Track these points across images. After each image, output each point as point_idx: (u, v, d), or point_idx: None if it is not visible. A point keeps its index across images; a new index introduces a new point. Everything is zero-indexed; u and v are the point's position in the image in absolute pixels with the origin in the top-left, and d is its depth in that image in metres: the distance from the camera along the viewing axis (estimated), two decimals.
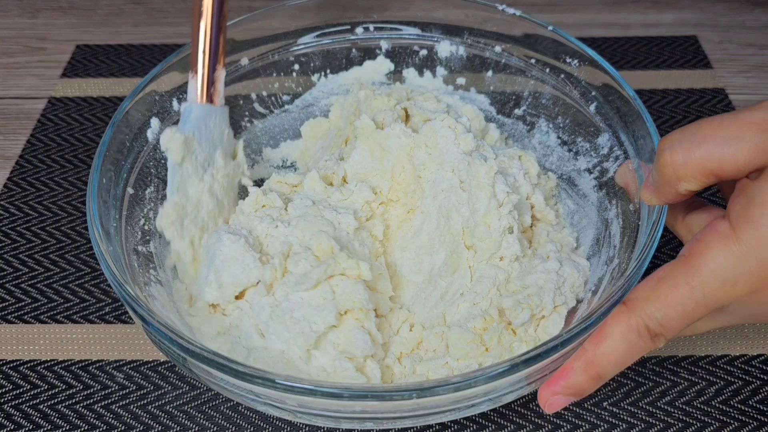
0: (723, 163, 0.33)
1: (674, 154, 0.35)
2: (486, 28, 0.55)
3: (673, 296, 0.35)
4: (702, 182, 0.35)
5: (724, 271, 0.34)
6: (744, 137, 0.33)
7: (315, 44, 0.57)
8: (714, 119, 0.34)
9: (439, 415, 0.37)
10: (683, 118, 0.66)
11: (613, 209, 0.48)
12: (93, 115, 0.67)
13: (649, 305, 0.35)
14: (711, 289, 0.34)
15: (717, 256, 0.34)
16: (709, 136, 0.34)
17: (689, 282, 0.34)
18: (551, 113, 0.54)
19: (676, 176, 0.35)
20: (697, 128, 0.34)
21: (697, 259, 0.34)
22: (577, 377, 0.37)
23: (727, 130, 0.33)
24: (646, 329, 0.35)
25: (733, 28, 0.76)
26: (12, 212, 0.59)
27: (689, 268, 0.35)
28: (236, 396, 0.38)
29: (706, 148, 0.34)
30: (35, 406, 0.47)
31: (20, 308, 0.52)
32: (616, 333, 0.36)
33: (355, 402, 0.34)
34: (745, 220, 0.34)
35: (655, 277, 0.36)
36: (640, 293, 0.36)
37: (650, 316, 0.35)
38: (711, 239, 0.34)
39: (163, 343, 0.37)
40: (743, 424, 0.45)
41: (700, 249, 0.35)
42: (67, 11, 0.80)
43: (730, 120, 0.33)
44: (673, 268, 0.35)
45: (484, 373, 0.34)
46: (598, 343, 0.36)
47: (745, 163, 0.33)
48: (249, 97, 0.57)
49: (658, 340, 0.36)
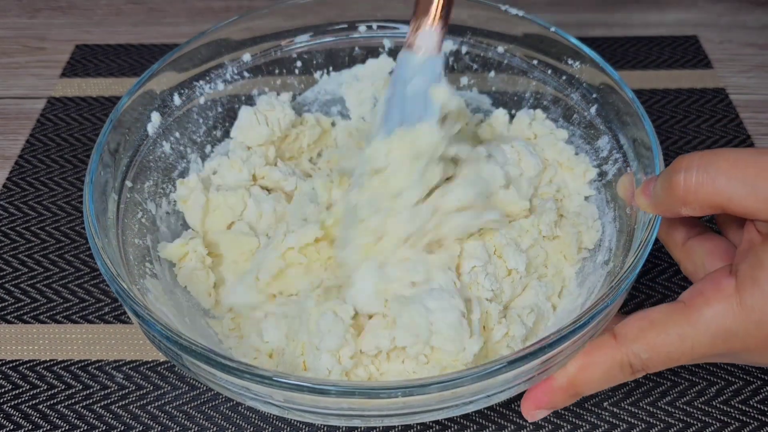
0: (732, 202, 0.34)
1: (688, 179, 0.34)
2: (489, 28, 0.55)
3: (661, 342, 0.35)
4: (705, 212, 0.35)
5: (720, 329, 0.34)
6: (758, 185, 0.33)
7: (317, 42, 0.57)
8: (733, 155, 0.34)
9: (427, 414, 0.37)
10: (683, 118, 0.65)
11: (611, 212, 0.48)
12: (92, 115, 0.67)
13: (637, 345, 0.36)
14: (699, 344, 0.35)
15: (715, 315, 0.34)
16: (723, 172, 0.33)
17: (680, 333, 0.35)
18: (552, 114, 0.54)
19: (684, 201, 0.35)
20: (714, 159, 0.34)
21: (694, 312, 0.35)
22: (557, 396, 0.38)
23: (743, 172, 0.33)
24: (629, 365, 0.36)
25: (734, 27, 0.75)
26: (11, 212, 0.59)
27: (684, 319, 0.35)
28: (225, 390, 0.38)
29: (719, 183, 0.34)
30: (34, 406, 0.47)
31: (19, 308, 0.52)
32: (599, 363, 0.36)
33: (341, 399, 0.34)
34: (752, 282, 0.34)
35: (648, 318, 0.36)
36: (630, 331, 0.36)
37: (635, 355, 0.36)
38: (712, 295, 0.35)
39: (153, 335, 0.37)
40: (744, 424, 0.45)
41: (699, 303, 0.35)
42: (67, 11, 0.80)
43: (750, 161, 0.33)
44: (668, 313, 0.36)
45: (471, 372, 0.34)
46: (581, 368, 0.37)
47: (754, 211, 0.33)
48: (251, 95, 0.57)
49: (638, 374, 0.37)
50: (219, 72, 0.54)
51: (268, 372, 0.34)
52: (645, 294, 0.52)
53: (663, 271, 0.54)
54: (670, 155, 0.62)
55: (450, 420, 0.46)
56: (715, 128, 0.64)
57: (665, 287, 0.53)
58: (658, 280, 0.53)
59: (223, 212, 0.50)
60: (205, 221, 0.51)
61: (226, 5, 0.80)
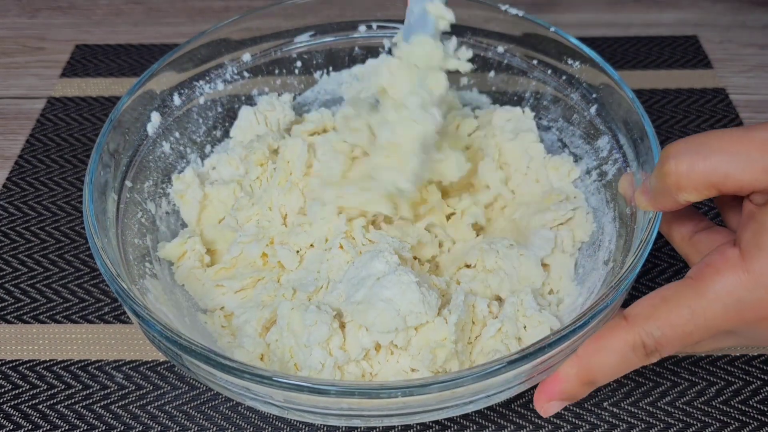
0: (727, 178, 0.33)
1: (679, 163, 0.34)
2: (488, 28, 0.55)
3: (673, 317, 0.35)
4: (703, 194, 0.35)
5: (730, 298, 0.34)
6: (752, 156, 0.33)
7: (317, 42, 0.57)
8: (723, 133, 0.34)
9: (427, 414, 0.37)
10: (683, 118, 0.65)
11: (611, 212, 0.48)
12: (92, 115, 0.67)
13: (649, 323, 0.35)
14: (712, 315, 0.34)
15: (724, 283, 0.34)
16: (716, 150, 0.33)
17: (692, 305, 0.34)
18: (552, 114, 0.54)
19: (678, 186, 0.35)
20: (704, 140, 0.34)
21: (703, 284, 0.34)
22: (571, 385, 0.37)
23: (736, 147, 0.33)
24: (642, 346, 0.36)
25: (734, 27, 0.75)
26: (11, 212, 0.59)
27: (694, 292, 0.35)
28: (225, 390, 0.38)
29: (712, 161, 0.33)
30: (34, 406, 0.47)
31: (19, 308, 0.52)
32: (612, 346, 0.36)
33: (341, 399, 0.34)
34: (756, 248, 0.33)
35: (658, 296, 0.36)
36: (641, 310, 0.36)
37: (648, 334, 0.35)
38: (720, 265, 0.34)
39: (153, 335, 0.37)
40: (744, 424, 0.45)
41: (707, 273, 0.34)
42: (67, 11, 0.80)
43: (739, 135, 0.33)
44: (678, 289, 0.35)
45: (471, 372, 0.34)
46: (593, 352, 0.36)
47: (750, 182, 0.33)
48: (251, 95, 0.57)
49: (653, 356, 0.36)
50: (219, 72, 0.54)
51: (268, 372, 0.34)
52: (645, 294, 0.52)
53: (663, 271, 0.54)
54: None
55: (450, 420, 0.46)
56: (715, 128, 0.64)
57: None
58: (658, 280, 0.53)
59: (216, 207, 0.51)
60: (201, 216, 0.51)
61: (226, 5, 0.80)
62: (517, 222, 0.50)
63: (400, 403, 0.35)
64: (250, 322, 0.44)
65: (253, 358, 0.42)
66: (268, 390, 0.35)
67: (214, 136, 0.55)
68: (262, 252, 0.47)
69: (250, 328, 0.43)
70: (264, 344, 0.43)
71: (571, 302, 0.46)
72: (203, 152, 0.54)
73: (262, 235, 0.48)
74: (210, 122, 0.55)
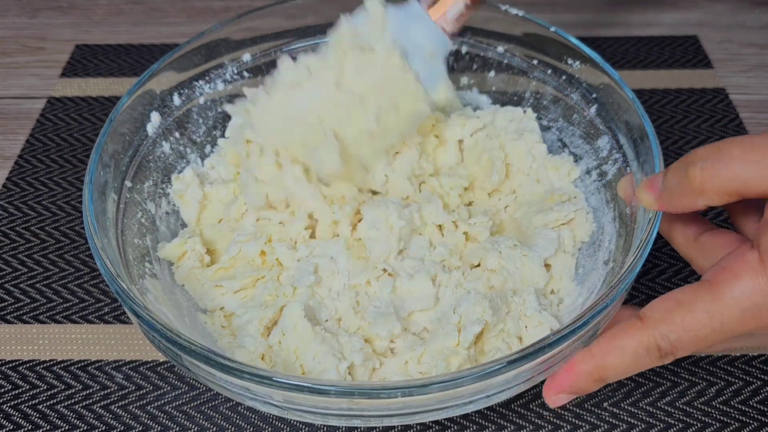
0: (749, 183, 0.34)
1: (705, 169, 0.35)
2: (489, 28, 0.55)
3: (689, 321, 0.35)
4: (723, 200, 0.35)
5: (748, 302, 0.34)
6: None
7: (317, 42, 0.57)
8: (744, 140, 0.34)
9: (427, 414, 0.37)
10: (683, 118, 0.65)
11: (611, 212, 0.48)
12: (92, 115, 0.67)
13: (664, 326, 0.35)
14: (729, 319, 0.34)
15: (743, 288, 0.34)
16: (738, 158, 0.34)
17: (708, 310, 0.34)
18: (552, 114, 0.54)
19: (701, 190, 0.35)
20: (726, 147, 0.35)
21: (720, 288, 0.34)
22: (582, 380, 0.37)
23: (757, 154, 0.34)
24: (656, 348, 0.36)
25: (734, 27, 0.75)
26: (11, 212, 0.59)
27: (711, 296, 0.35)
28: (225, 390, 0.38)
29: (734, 168, 0.34)
30: (34, 406, 0.47)
31: (19, 308, 0.52)
32: (627, 346, 0.36)
33: (341, 399, 0.34)
34: None
35: (674, 298, 0.36)
36: (656, 312, 0.36)
37: (663, 337, 0.35)
38: (738, 269, 0.34)
39: (153, 335, 0.37)
40: (744, 424, 0.45)
41: (725, 278, 0.34)
42: (67, 11, 0.80)
43: (761, 143, 0.34)
44: (694, 292, 0.35)
45: (471, 372, 0.34)
46: (608, 352, 0.36)
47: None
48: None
49: (667, 358, 0.36)
50: (219, 72, 0.54)
51: (268, 372, 0.34)
52: (645, 294, 0.52)
53: (663, 271, 0.54)
54: (670, 155, 0.62)
55: (450, 420, 0.46)
56: (715, 128, 0.64)
57: (665, 287, 0.53)
58: (657, 280, 0.53)
59: (215, 207, 0.51)
60: (201, 216, 0.51)
61: (226, 5, 0.80)
62: (518, 221, 0.50)
63: (400, 403, 0.35)
64: (252, 321, 0.44)
65: (254, 357, 0.42)
66: (267, 390, 0.35)
67: (214, 136, 0.55)
68: (261, 250, 0.47)
69: (252, 327, 0.43)
70: (266, 344, 0.43)
71: (571, 302, 0.46)
72: (203, 152, 0.54)
73: (260, 233, 0.48)
74: (210, 122, 0.55)
